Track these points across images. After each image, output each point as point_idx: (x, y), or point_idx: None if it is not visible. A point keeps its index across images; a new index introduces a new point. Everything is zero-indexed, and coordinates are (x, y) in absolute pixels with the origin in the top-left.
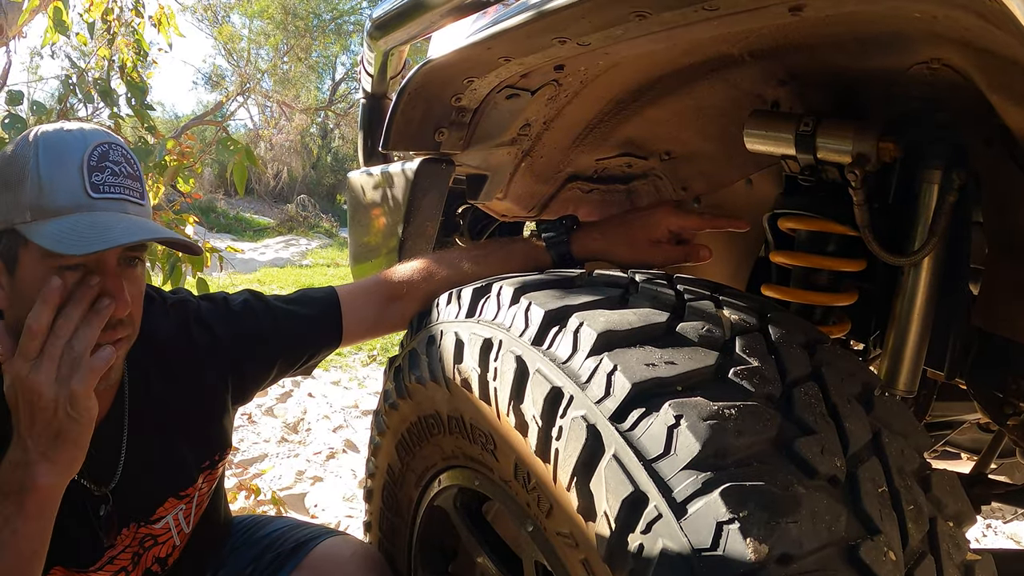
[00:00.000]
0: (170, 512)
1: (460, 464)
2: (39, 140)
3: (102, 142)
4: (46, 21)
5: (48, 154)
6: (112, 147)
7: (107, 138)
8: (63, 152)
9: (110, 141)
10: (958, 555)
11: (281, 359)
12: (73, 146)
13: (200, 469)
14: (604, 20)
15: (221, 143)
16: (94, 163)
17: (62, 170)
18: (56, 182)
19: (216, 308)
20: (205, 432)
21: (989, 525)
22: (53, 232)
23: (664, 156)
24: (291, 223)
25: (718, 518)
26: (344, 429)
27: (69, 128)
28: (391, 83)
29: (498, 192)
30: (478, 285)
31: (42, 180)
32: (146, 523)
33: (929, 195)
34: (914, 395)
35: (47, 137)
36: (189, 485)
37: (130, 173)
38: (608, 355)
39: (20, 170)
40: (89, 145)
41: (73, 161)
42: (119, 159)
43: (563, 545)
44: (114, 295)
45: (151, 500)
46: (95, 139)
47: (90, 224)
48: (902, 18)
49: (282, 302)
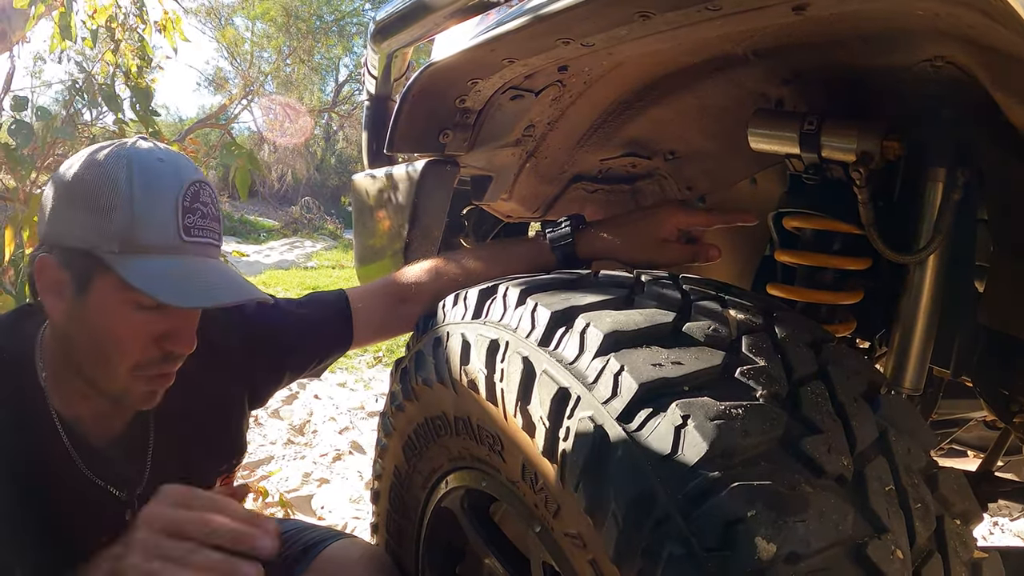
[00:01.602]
0: None
1: (467, 465)
2: (134, 165)
3: (195, 180)
4: (50, 26)
5: (144, 184)
6: (203, 186)
7: (198, 175)
8: (159, 187)
9: (200, 180)
10: (965, 553)
11: (293, 361)
12: (169, 182)
13: (218, 473)
14: (608, 21)
15: (225, 147)
16: (187, 204)
17: (157, 207)
18: (151, 219)
19: (229, 311)
20: (223, 436)
21: (996, 523)
22: (145, 271)
23: (668, 156)
24: (296, 225)
25: (726, 518)
26: (350, 431)
27: (162, 158)
28: (395, 85)
29: (503, 193)
30: (484, 286)
31: (135, 213)
32: None
33: (934, 193)
34: (920, 393)
35: (143, 165)
36: (207, 488)
37: (215, 215)
38: (615, 355)
39: (111, 194)
40: (184, 183)
41: (168, 199)
42: (207, 200)
43: (571, 546)
44: (184, 334)
45: None
46: (189, 177)
47: (183, 271)
48: (905, 16)
49: (293, 305)
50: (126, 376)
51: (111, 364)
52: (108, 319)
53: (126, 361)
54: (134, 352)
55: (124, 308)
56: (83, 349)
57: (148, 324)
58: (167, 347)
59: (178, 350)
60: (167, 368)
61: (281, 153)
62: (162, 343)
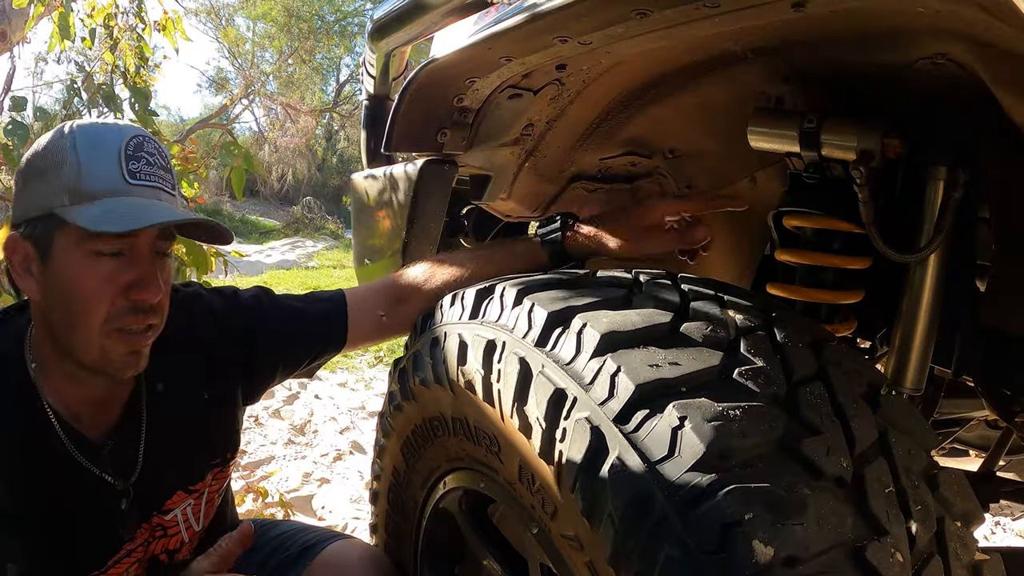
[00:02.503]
0: (179, 505)
1: (465, 466)
2: (76, 130)
3: (137, 134)
4: (50, 27)
5: (86, 141)
6: (146, 140)
7: (141, 131)
8: (101, 140)
9: (144, 134)
10: (966, 555)
11: (287, 356)
12: (110, 136)
13: (210, 466)
14: (605, 19)
15: (224, 147)
16: (131, 152)
17: (100, 156)
18: (95, 166)
19: (226, 302)
20: (216, 430)
21: (998, 523)
22: (92, 214)
23: (668, 154)
24: (297, 225)
25: (723, 520)
26: (351, 431)
27: (104, 121)
28: (393, 84)
29: (502, 192)
30: (481, 287)
31: (81, 164)
32: (157, 513)
33: (934, 191)
34: (921, 393)
35: (84, 128)
36: (199, 480)
37: (163, 165)
38: (612, 356)
39: (57, 156)
40: (126, 136)
41: (111, 148)
42: (153, 151)
43: (568, 547)
44: (148, 281)
45: (162, 492)
46: (131, 131)
47: (128, 206)
48: (905, 13)
49: (289, 300)
50: (100, 334)
51: (84, 323)
52: (72, 275)
53: (96, 316)
54: (102, 305)
55: (85, 260)
56: (58, 318)
57: (111, 274)
58: (133, 296)
59: (144, 297)
60: (139, 321)
61: (282, 153)
62: (128, 293)
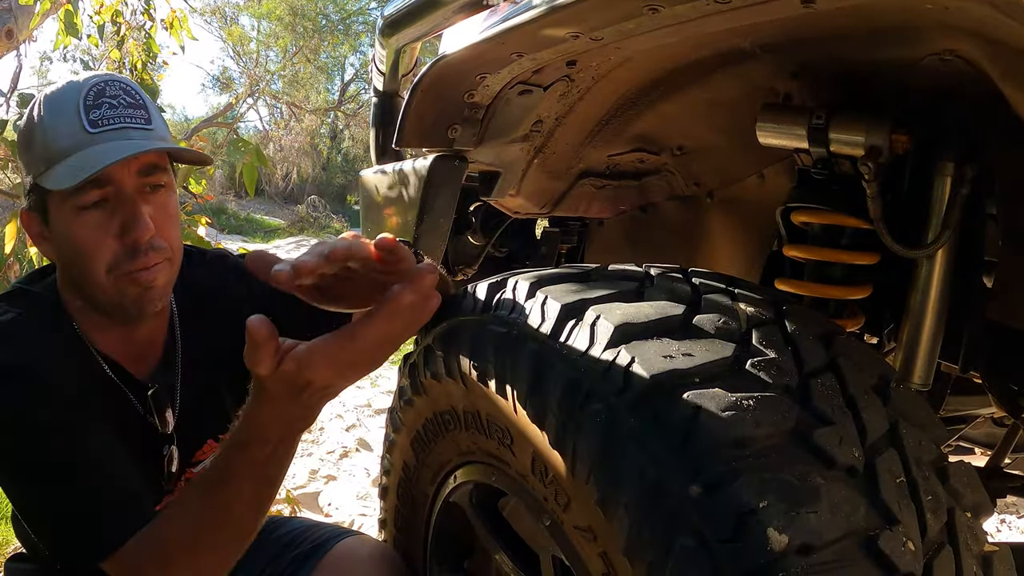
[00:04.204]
0: (208, 456)
1: (476, 460)
2: (39, 98)
3: (98, 81)
4: (57, 24)
5: (48, 106)
6: (109, 83)
7: (104, 77)
8: (60, 99)
9: (107, 79)
10: (976, 546)
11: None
12: (69, 92)
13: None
14: (617, 14)
15: (232, 144)
16: (90, 102)
17: (60, 115)
18: (57, 127)
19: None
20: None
21: (1003, 520)
22: (59, 173)
23: (676, 151)
24: (302, 224)
25: (738, 509)
26: (357, 428)
27: (67, 79)
28: (403, 80)
29: (511, 189)
30: (493, 280)
31: (45, 129)
32: (189, 465)
33: (942, 187)
34: (929, 388)
35: (47, 94)
36: (226, 430)
37: (131, 103)
38: (625, 347)
39: (28, 128)
40: (84, 88)
41: (69, 105)
42: (117, 92)
43: (581, 539)
44: (135, 221)
45: (195, 441)
46: (92, 80)
47: (92, 156)
48: (914, 9)
49: None
50: (108, 281)
51: (92, 273)
52: (69, 233)
53: (99, 265)
54: (102, 253)
55: (73, 218)
56: (73, 273)
57: (99, 223)
58: (126, 240)
59: (135, 237)
60: (141, 262)
61: (287, 152)
62: (122, 237)
